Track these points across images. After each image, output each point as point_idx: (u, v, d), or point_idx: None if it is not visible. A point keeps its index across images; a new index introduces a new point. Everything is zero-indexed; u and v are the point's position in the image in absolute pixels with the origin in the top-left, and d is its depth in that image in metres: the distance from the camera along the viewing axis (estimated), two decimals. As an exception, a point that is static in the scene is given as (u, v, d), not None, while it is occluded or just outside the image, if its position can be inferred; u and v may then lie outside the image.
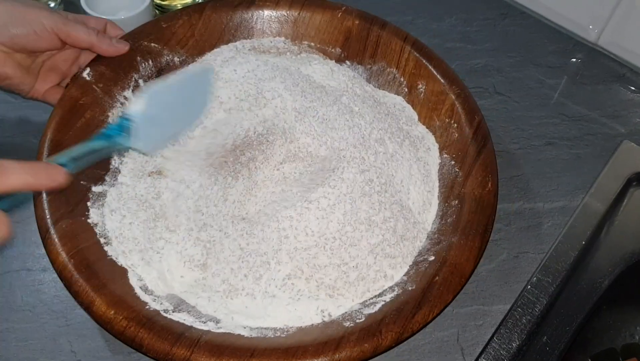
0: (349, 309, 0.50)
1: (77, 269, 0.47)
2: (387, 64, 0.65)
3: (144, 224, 0.53)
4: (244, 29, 0.65)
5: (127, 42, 0.59)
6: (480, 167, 0.57)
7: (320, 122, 0.59)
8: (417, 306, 0.48)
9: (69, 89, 0.55)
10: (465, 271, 0.50)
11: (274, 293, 0.50)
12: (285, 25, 0.66)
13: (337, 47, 0.66)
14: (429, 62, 0.63)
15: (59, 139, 0.52)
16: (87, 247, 0.49)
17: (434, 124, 0.62)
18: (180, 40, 0.62)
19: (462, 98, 0.60)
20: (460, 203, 0.56)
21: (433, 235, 0.55)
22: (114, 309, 0.46)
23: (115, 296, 0.47)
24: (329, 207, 0.53)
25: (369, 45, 0.65)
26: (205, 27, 0.63)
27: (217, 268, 0.51)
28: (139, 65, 0.60)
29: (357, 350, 0.45)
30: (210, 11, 0.64)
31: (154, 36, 0.61)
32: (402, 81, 0.65)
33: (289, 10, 0.65)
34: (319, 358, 0.45)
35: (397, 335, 0.46)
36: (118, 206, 0.54)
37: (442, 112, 0.62)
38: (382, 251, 0.52)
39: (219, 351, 0.45)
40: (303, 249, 0.52)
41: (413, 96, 0.64)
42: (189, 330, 0.46)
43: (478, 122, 0.59)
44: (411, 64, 0.64)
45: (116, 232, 0.52)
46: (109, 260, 0.50)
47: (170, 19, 0.62)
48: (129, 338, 0.45)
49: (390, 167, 0.58)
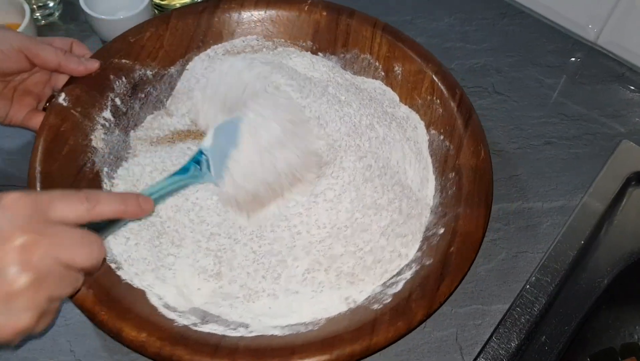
0: (371, 292, 0.52)
1: (98, 298, 0.47)
2: (360, 51, 0.67)
3: (150, 243, 0.54)
4: (212, 33, 0.66)
5: (97, 60, 0.59)
6: (470, 138, 0.59)
7: (315, 117, 0.61)
8: (440, 278, 0.50)
9: (48, 117, 0.56)
10: (477, 238, 0.53)
11: (296, 290, 0.52)
12: (253, 25, 0.67)
13: (307, 40, 0.67)
14: (402, 43, 0.66)
15: (47, 170, 0.53)
16: (101, 275, 0.49)
17: (416, 103, 0.64)
18: (150, 53, 0.63)
19: (441, 74, 0.63)
20: (457, 175, 0.58)
21: (436, 209, 0.58)
22: (145, 332, 0.46)
23: (141, 318, 0.47)
24: (336, 197, 0.55)
25: (339, 35, 0.66)
26: (173, 37, 0.64)
27: (233, 274, 0.53)
28: (113, 83, 0.60)
29: (392, 330, 0.47)
30: (176, 20, 0.64)
31: (124, 52, 0.61)
32: (377, 66, 0.67)
33: (255, 10, 0.66)
34: (357, 344, 0.46)
35: (427, 309, 0.49)
36: (119, 230, 0.53)
37: (423, 91, 0.64)
38: (392, 232, 0.54)
39: (259, 355, 0.46)
40: (317, 242, 0.53)
41: (391, 79, 0.66)
42: (223, 340, 0.47)
43: (460, 96, 0.61)
44: (384, 47, 0.65)
45: (124, 255, 0.53)
46: (125, 284, 0.50)
47: (137, 32, 0.62)
48: (166, 357, 0.45)
49: (385, 151, 0.60)
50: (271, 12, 0.66)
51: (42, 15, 0.76)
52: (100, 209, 0.41)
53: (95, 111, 0.58)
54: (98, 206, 0.40)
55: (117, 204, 0.42)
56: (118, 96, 0.60)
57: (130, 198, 0.44)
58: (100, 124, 0.58)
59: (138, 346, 0.46)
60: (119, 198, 0.43)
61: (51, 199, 0.39)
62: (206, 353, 0.45)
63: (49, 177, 0.52)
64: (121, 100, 0.61)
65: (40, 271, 0.37)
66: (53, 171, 0.53)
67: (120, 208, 0.42)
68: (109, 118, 0.59)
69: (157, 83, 0.64)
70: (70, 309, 0.56)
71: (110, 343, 0.54)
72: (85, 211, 0.40)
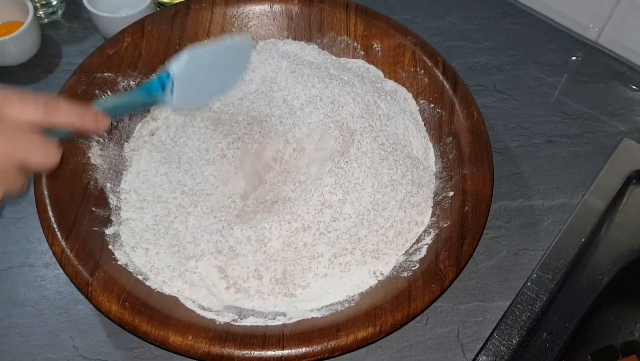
0: (396, 262, 0.54)
1: (136, 311, 0.48)
2: (337, 34, 0.68)
3: (169, 250, 0.54)
4: (188, 35, 0.66)
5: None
6: (461, 102, 0.61)
7: (329, 102, 0.61)
8: (461, 237, 0.52)
9: None
10: (487, 194, 0.55)
11: (324, 273, 0.53)
12: (228, 23, 0.67)
13: (283, 30, 0.68)
14: (378, 21, 0.67)
15: (55, 193, 0.53)
16: (133, 287, 0.50)
17: (400, 76, 0.66)
18: (131, 63, 0.63)
19: (421, 46, 0.65)
20: (455, 138, 0.60)
21: (440, 174, 0.60)
22: (190, 334, 0.47)
23: (183, 323, 0.48)
24: (359, 185, 0.56)
25: (313, 21, 0.68)
26: (150, 44, 0.64)
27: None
28: (99, 98, 0.60)
29: (428, 292, 0.50)
30: (150, 26, 0.65)
31: (104, 66, 0.61)
32: (355, 46, 0.68)
33: (227, 8, 0.67)
34: (398, 312, 0.49)
35: (456, 268, 0.51)
36: (136, 242, 0.55)
37: (406, 64, 0.66)
38: (408, 203, 0.56)
39: (306, 337, 0.47)
40: (344, 232, 0.54)
41: (371, 57, 0.68)
42: (267, 329, 0.48)
43: (443, 63, 0.63)
44: (360, 27, 0.67)
45: (147, 266, 0.53)
46: (157, 293, 0.51)
47: (115, 43, 0.63)
48: (217, 356, 0.46)
49: (391, 126, 0.61)
50: (243, 8, 0.67)
51: (45, 13, 0.77)
52: (57, 118, 0.40)
53: None
54: (55, 114, 0.40)
55: (75, 117, 0.41)
56: None
57: (88, 114, 0.42)
58: (94, 140, 0.58)
59: (187, 350, 0.47)
60: (77, 112, 0.41)
61: (6, 98, 0.38)
62: (256, 345, 0.46)
63: (60, 200, 0.53)
64: None
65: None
66: (60, 193, 0.53)
67: (76, 121, 0.41)
68: (101, 134, 0.59)
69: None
70: (73, 305, 0.56)
71: (113, 338, 0.54)
72: (41, 116, 0.39)
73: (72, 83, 0.59)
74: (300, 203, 0.54)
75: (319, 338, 0.46)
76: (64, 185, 0.54)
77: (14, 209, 0.62)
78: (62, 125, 0.41)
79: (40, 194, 0.52)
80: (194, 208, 0.56)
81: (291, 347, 0.46)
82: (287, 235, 0.53)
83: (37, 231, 0.56)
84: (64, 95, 0.59)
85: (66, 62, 0.73)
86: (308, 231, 0.54)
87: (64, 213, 0.52)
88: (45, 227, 0.51)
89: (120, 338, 0.54)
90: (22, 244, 0.60)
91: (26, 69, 0.72)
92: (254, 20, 0.68)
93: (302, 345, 0.46)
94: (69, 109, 0.41)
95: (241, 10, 0.67)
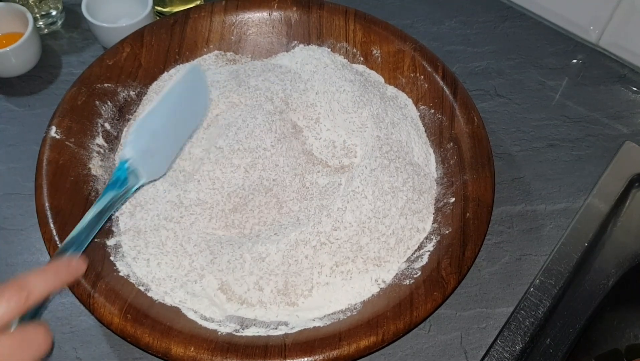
0: (398, 270, 0.54)
1: (138, 322, 0.48)
2: (336, 40, 0.68)
3: (171, 261, 0.54)
4: (187, 45, 0.66)
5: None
6: (461, 107, 0.61)
7: (341, 111, 0.62)
8: (462, 244, 0.52)
9: (43, 152, 0.56)
10: (488, 200, 0.55)
11: (326, 282, 0.53)
12: (227, 31, 0.68)
13: (282, 38, 0.68)
14: (377, 27, 0.67)
15: (56, 205, 0.53)
16: (134, 298, 0.50)
17: (400, 82, 0.66)
18: (130, 73, 0.63)
19: (420, 51, 0.65)
20: (455, 144, 0.60)
21: (441, 180, 0.60)
22: (192, 346, 0.47)
23: (185, 334, 0.48)
24: (360, 193, 0.55)
25: (312, 27, 0.68)
26: (149, 54, 0.65)
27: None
28: (100, 109, 0.60)
29: (430, 300, 0.49)
30: (150, 36, 0.65)
31: (104, 76, 0.62)
32: (355, 52, 0.68)
33: (225, 16, 0.67)
34: (400, 320, 0.49)
35: (458, 275, 0.51)
36: (138, 252, 0.54)
37: (405, 69, 0.66)
38: (409, 210, 0.56)
39: (309, 347, 0.47)
40: (345, 241, 0.54)
41: (370, 63, 0.68)
42: (269, 340, 0.48)
43: (442, 68, 0.63)
44: (359, 33, 0.67)
45: (149, 277, 0.53)
46: (159, 304, 0.51)
47: (114, 54, 0.63)
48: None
49: (396, 133, 0.61)
50: (242, 15, 0.67)
51: (45, 24, 0.77)
52: (36, 295, 0.36)
53: (89, 140, 0.59)
54: (33, 291, 0.36)
55: (51, 281, 0.38)
56: (107, 120, 0.61)
57: (60, 266, 0.40)
58: (95, 151, 0.58)
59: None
60: (49, 272, 0.38)
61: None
62: (257, 355, 0.46)
63: (60, 212, 0.52)
64: (110, 124, 0.61)
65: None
66: (61, 205, 0.53)
67: (53, 283, 0.38)
68: (102, 144, 0.59)
69: (141, 102, 0.64)
70: (75, 316, 0.56)
71: (116, 349, 0.54)
72: (21, 305, 0.35)
73: (71, 94, 0.59)
74: (300, 215, 0.55)
75: (321, 348, 0.46)
76: (65, 197, 0.54)
77: (15, 221, 0.62)
78: (42, 299, 0.37)
79: (42, 205, 0.52)
80: (194, 221, 0.56)
81: (293, 357, 0.46)
82: (286, 249, 0.53)
83: (39, 242, 0.56)
84: (65, 106, 0.59)
85: (66, 72, 0.73)
86: (308, 243, 0.54)
87: (65, 225, 0.52)
88: (46, 239, 0.51)
89: (124, 349, 0.54)
90: (24, 256, 0.60)
91: (26, 80, 0.72)
92: (252, 27, 0.69)
93: (304, 354, 0.46)
94: (41, 278, 0.37)
95: (240, 18, 0.68)
